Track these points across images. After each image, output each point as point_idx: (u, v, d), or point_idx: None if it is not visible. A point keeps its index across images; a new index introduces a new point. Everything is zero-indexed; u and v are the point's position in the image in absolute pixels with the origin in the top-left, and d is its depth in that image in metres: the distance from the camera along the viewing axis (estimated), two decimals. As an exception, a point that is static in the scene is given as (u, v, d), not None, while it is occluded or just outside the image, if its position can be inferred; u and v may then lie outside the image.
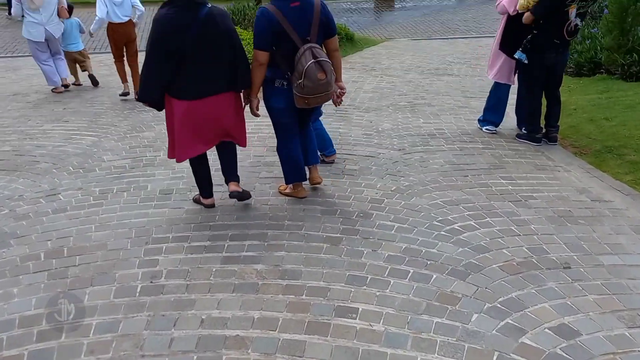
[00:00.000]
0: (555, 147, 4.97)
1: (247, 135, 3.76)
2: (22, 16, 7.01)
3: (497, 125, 5.46)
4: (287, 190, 3.99)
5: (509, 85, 5.35)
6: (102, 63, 9.04)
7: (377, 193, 3.96)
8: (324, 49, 3.59)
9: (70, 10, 7.48)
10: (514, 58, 4.94)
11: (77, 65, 7.80)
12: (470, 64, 8.85)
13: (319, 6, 3.48)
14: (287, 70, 3.49)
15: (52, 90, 7.38)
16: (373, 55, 9.56)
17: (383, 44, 10.58)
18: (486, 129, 5.46)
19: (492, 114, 5.46)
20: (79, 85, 7.79)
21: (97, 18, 6.74)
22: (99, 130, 5.74)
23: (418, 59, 9.22)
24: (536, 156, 4.73)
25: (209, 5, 3.34)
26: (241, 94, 3.63)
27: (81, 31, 7.76)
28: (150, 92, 3.41)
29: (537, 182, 4.13)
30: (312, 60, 3.35)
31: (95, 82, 7.72)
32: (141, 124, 5.93)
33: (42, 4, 6.83)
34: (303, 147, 3.91)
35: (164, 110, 3.54)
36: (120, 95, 7.04)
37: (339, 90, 3.76)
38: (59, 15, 7.13)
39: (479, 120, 5.62)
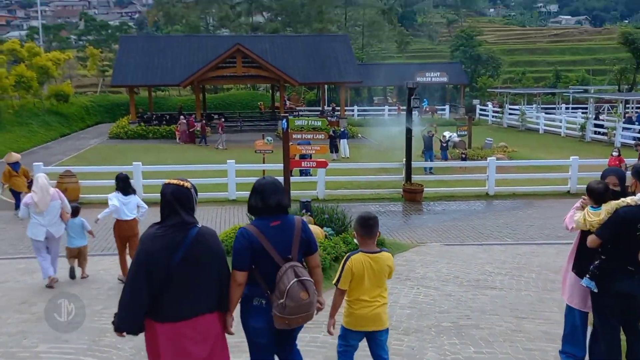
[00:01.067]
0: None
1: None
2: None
3: (581, 360, 4.57)
4: None
5: (586, 312, 4.58)
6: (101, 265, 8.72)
7: None
8: (305, 266, 3.59)
9: (77, 211, 8.17)
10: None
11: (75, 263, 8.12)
12: (512, 275, 8.19)
13: (299, 224, 3.59)
14: (267, 288, 3.45)
15: (46, 284, 7.64)
16: (406, 262, 9.02)
17: (415, 249, 10.12)
18: (569, 366, 4.56)
19: (570, 345, 4.59)
20: (86, 277, 8.12)
21: (109, 208, 7.68)
22: (99, 355, 5.01)
23: (455, 268, 8.62)
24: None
25: (199, 225, 3.36)
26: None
27: (85, 228, 8.18)
28: (130, 321, 3.25)
29: None
30: (295, 280, 3.34)
31: (72, 276, 8.03)
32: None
33: (47, 208, 7.51)
34: None
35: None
36: (119, 279, 7.76)
37: (317, 304, 3.65)
38: (61, 217, 7.77)
39: (560, 352, 4.73)
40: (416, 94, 15.39)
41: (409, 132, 15.17)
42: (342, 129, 24.52)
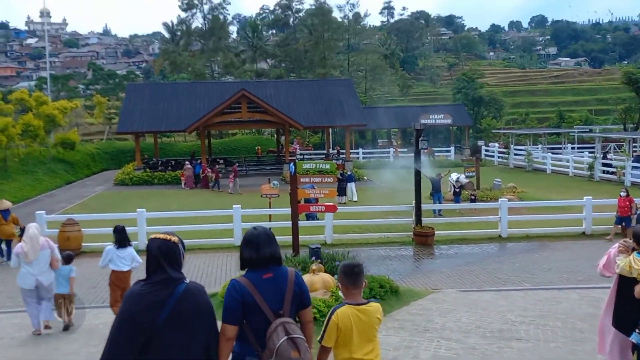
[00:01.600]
0: None
1: None
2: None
3: None
4: None
5: (626, 366, 4.15)
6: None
7: None
8: (298, 322, 3.48)
9: (69, 259, 8.36)
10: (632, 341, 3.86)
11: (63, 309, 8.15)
12: (537, 324, 7.71)
13: (292, 277, 3.45)
14: (258, 346, 3.31)
15: (32, 332, 7.84)
16: (423, 311, 8.55)
17: (430, 296, 9.65)
18: None
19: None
20: (70, 325, 8.13)
21: (101, 264, 8.27)
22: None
23: (475, 317, 8.15)
24: None
25: (187, 281, 3.20)
26: None
27: (70, 274, 8.24)
28: None
29: None
30: (285, 338, 3.20)
31: (66, 328, 8.09)
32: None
33: (37, 257, 7.71)
34: None
35: None
36: None
37: None
38: (51, 266, 7.92)
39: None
40: (423, 136, 15.17)
41: (417, 174, 14.90)
42: (349, 172, 24.30)
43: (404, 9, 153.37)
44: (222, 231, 15.62)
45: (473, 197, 19.92)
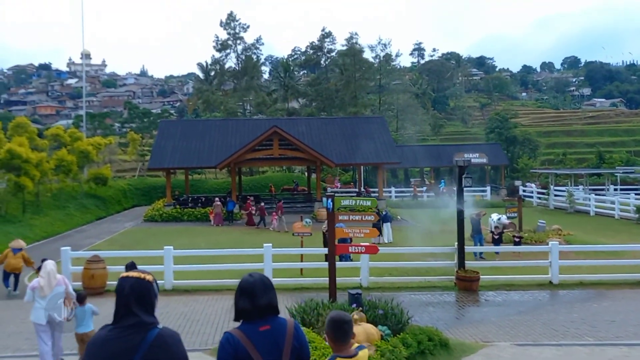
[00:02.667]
0: None
1: None
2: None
3: None
4: None
5: None
6: None
7: None
8: None
9: (83, 298, 8.30)
10: None
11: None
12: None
13: (291, 329, 3.19)
14: None
15: None
16: (477, 370, 7.54)
17: (483, 351, 8.62)
18: None
19: None
20: None
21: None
22: None
23: (539, 378, 7.10)
24: None
25: (160, 326, 2.85)
26: None
27: (94, 313, 8.32)
28: None
29: None
30: None
31: None
32: None
33: (51, 292, 7.95)
34: None
35: None
36: None
37: None
38: (65, 303, 8.11)
39: None
40: (467, 173, 14.29)
41: (460, 214, 13.94)
42: (384, 211, 23.30)
43: (434, 50, 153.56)
44: (251, 271, 14.86)
45: (517, 240, 18.72)
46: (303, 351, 3.21)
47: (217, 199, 30.13)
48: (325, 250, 16.70)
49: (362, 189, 37.97)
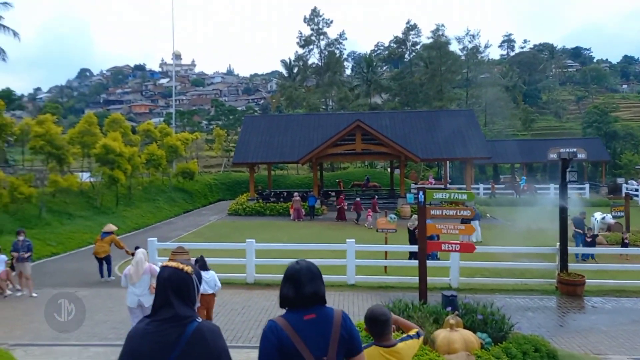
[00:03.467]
0: None
1: None
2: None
3: None
4: None
5: None
6: None
7: None
8: None
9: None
10: None
11: None
12: None
13: (339, 319, 3.01)
14: None
15: None
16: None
17: (597, 366, 7.53)
18: None
19: None
20: None
21: None
22: None
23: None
24: None
25: (199, 320, 2.73)
26: None
27: None
28: None
29: None
30: None
31: None
32: None
33: (139, 280, 8.53)
34: None
35: None
36: None
37: None
38: (150, 291, 8.52)
39: None
40: (572, 166, 12.93)
41: (563, 211, 12.63)
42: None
43: (525, 41, 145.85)
44: (333, 267, 14.38)
45: (626, 241, 16.90)
46: (353, 343, 3.03)
47: (296, 193, 29.99)
48: (411, 248, 15.92)
49: (447, 186, 36.50)
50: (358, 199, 28.07)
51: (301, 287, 3.03)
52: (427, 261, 15.99)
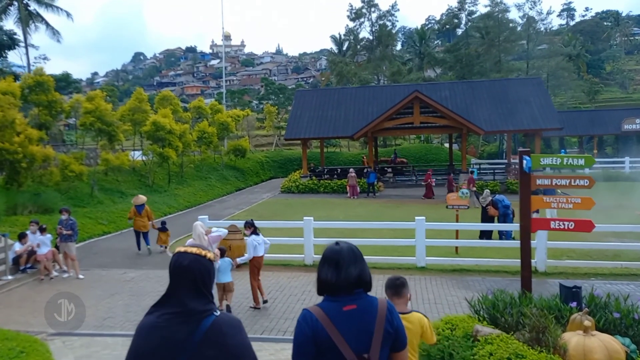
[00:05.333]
0: None
1: None
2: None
3: None
4: None
5: None
6: None
7: None
8: None
9: (223, 252, 9.20)
10: None
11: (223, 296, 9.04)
12: None
13: (384, 311, 2.60)
14: None
15: None
16: None
17: None
18: None
19: None
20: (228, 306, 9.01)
21: (245, 257, 9.49)
22: None
23: None
24: None
25: (217, 313, 2.35)
26: None
27: (233, 266, 9.33)
28: None
29: None
30: None
31: (229, 311, 8.89)
32: None
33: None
34: None
35: None
36: (250, 307, 9.39)
37: None
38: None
39: None
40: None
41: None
42: None
43: (586, 9, 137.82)
44: (399, 248, 13.01)
45: None
46: (399, 338, 2.66)
47: (351, 169, 28.62)
48: (484, 227, 14.35)
49: (510, 161, 34.20)
50: (472, 174, 25.94)
51: (343, 270, 2.62)
52: (503, 241, 14.44)
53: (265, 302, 9.47)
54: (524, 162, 6.16)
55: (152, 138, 25.47)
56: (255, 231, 9.56)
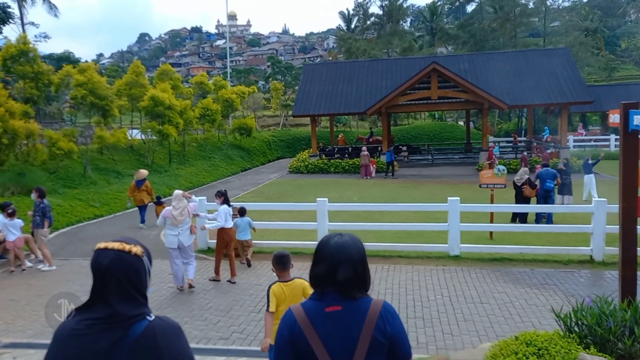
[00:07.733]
0: None
1: None
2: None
3: None
4: None
5: None
6: None
7: None
8: None
9: (243, 211, 10.17)
10: None
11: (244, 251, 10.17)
12: None
13: (374, 315, 2.13)
14: None
15: (177, 287, 8.78)
16: None
17: None
18: None
19: None
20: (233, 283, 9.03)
21: (216, 223, 9.23)
22: None
23: None
24: None
25: (151, 317, 1.92)
26: None
27: (251, 226, 10.24)
28: None
29: None
30: None
31: (249, 264, 10.04)
32: None
33: (181, 223, 8.58)
34: None
35: None
36: (209, 279, 9.35)
37: None
38: (191, 232, 8.74)
39: None
40: None
41: None
42: (565, 161, 17.35)
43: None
44: (426, 233, 11.31)
45: None
46: (396, 348, 2.13)
47: (364, 148, 26.82)
48: (531, 208, 12.58)
49: (532, 139, 32.19)
50: (525, 153, 24.25)
51: (334, 266, 2.17)
52: (536, 224, 12.68)
53: (233, 283, 9.14)
54: (633, 118, 4.38)
55: (151, 114, 23.77)
56: (225, 202, 9.41)
